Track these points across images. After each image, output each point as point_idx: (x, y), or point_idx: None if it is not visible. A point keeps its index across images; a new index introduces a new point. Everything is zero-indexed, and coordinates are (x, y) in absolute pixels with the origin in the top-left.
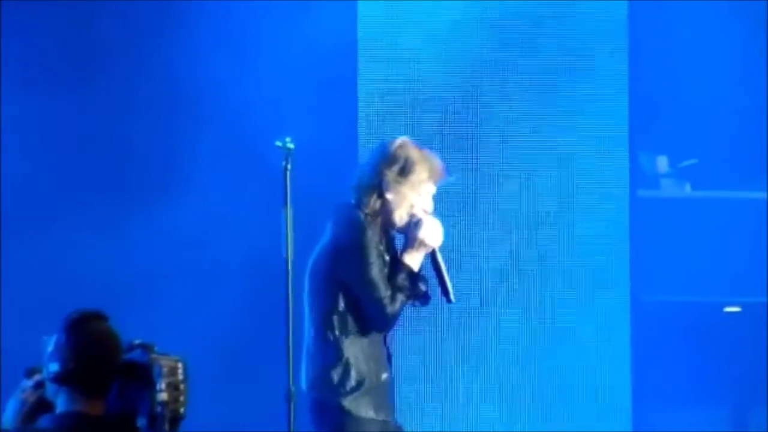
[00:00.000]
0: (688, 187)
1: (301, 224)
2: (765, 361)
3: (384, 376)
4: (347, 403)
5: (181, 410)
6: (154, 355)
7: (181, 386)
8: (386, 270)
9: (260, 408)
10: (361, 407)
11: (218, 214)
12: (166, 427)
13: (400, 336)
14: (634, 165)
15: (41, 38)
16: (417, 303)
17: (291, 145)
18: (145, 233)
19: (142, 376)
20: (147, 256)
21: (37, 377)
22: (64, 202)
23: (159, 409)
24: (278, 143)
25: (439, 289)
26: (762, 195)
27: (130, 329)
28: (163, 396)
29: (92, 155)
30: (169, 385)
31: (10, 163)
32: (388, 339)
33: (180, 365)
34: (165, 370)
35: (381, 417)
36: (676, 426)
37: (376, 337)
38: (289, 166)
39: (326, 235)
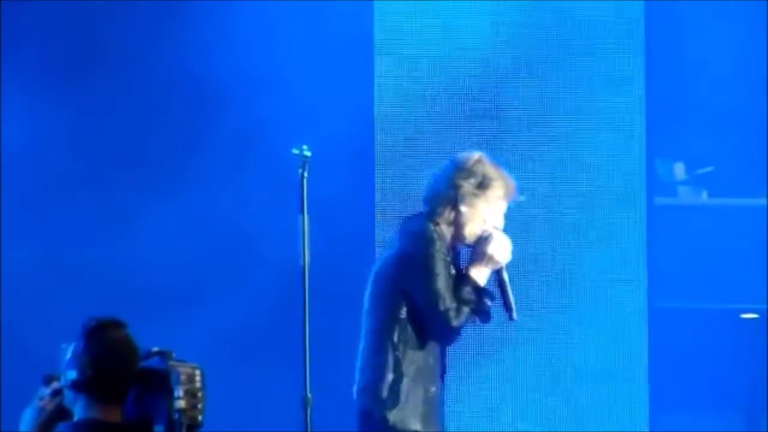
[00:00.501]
0: (705, 195)
1: (318, 231)
2: None
3: (432, 389)
4: (392, 416)
5: (199, 418)
6: (171, 363)
7: (199, 394)
8: (452, 282)
9: (277, 415)
10: (407, 420)
11: (234, 221)
12: None
13: None
14: (650, 172)
15: (54, 34)
16: (478, 320)
17: (308, 153)
18: (161, 239)
19: (159, 383)
20: (163, 263)
21: (55, 385)
22: (72, 209)
23: (177, 416)
24: (295, 151)
25: (502, 306)
26: None
27: (149, 337)
28: (181, 403)
29: (107, 157)
30: (186, 392)
31: (10, 165)
32: (445, 353)
33: (198, 372)
34: (183, 377)
35: (429, 428)
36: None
37: (433, 349)
38: (305, 174)
39: (393, 244)
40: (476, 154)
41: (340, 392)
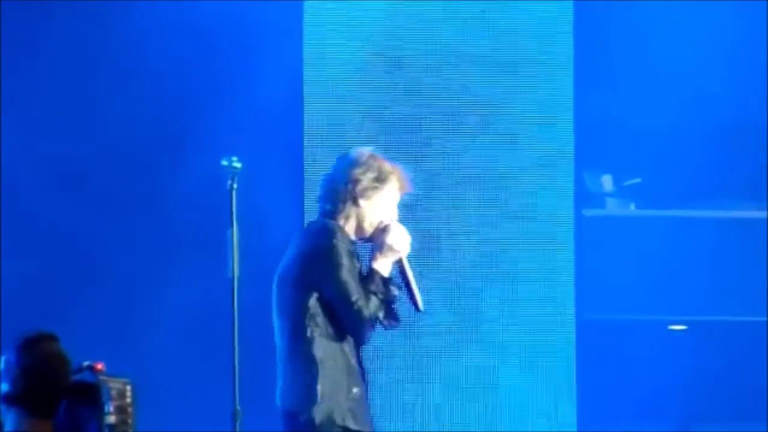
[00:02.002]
0: (632, 206)
1: (247, 244)
2: (709, 379)
3: (355, 390)
4: (318, 414)
5: None
6: (102, 377)
7: (129, 409)
8: (358, 274)
9: (207, 428)
10: (334, 416)
11: (165, 231)
12: None
13: None
14: (578, 184)
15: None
16: (389, 324)
17: (238, 165)
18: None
19: (90, 397)
20: (93, 271)
21: None
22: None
23: (107, 431)
24: (224, 162)
25: (407, 298)
26: (705, 213)
27: (80, 349)
28: (111, 419)
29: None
30: (117, 408)
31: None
32: (361, 355)
33: (128, 388)
34: (113, 392)
35: (362, 428)
36: None
37: (350, 348)
38: (235, 186)
39: (293, 246)
40: (368, 150)
41: (271, 404)
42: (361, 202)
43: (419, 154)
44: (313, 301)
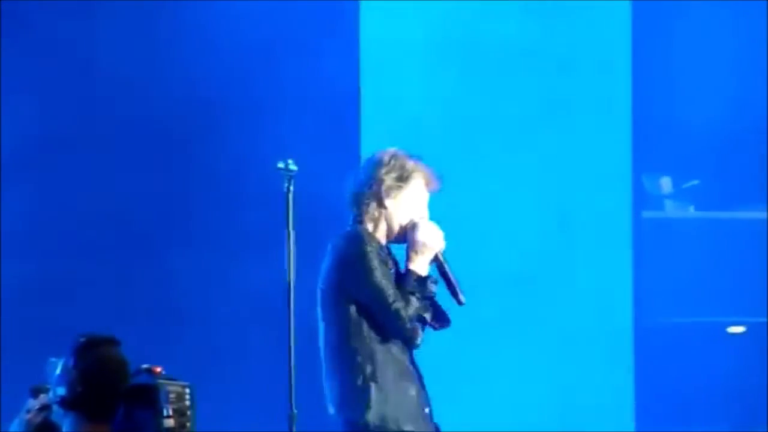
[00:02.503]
0: (691, 208)
1: (305, 248)
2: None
3: (412, 392)
4: (371, 418)
5: None
6: (161, 380)
7: (188, 412)
8: (393, 278)
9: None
10: (389, 420)
11: (220, 235)
12: None
13: None
14: (637, 186)
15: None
16: (439, 326)
17: (293, 167)
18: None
19: (148, 400)
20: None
21: (42, 398)
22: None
23: None
24: (280, 165)
25: (449, 293)
26: (763, 215)
27: (138, 353)
28: (170, 422)
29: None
30: (176, 411)
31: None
32: (414, 358)
33: (187, 391)
34: (172, 396)
35: (415, 428)
36: None
37: (399, 350)
38: (291, 188)
39: (327, 256)
40: (391, 150)
41: (325, 408)
42: (387, 202)
43: (475, 155)
44: (353, 309)
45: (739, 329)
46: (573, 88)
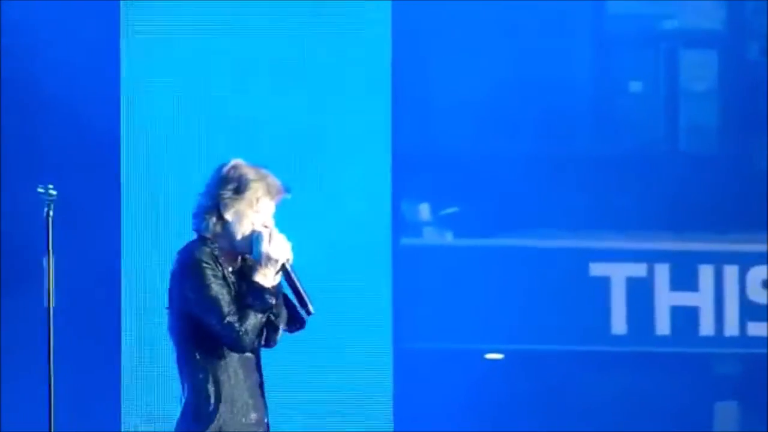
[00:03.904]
0: (450, 235)
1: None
2: (528, 408)
3: (253, 415)
4: None
5: None
6: None
7: None
8: (233, 291)
9: None
10: None
11: None
12: None
13: None
14: (396, 213)
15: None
16: (294, 328)
17: (53, 192)
18: None
19: None
20: None
21: None
22: None
23: None
24: (40, 189)
25: (297, 304)
26: (525, 242)
27: None
28: None
29: None
30: None
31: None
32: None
33: None
34: None
35: None
36: None
37: (239, 363)
38: (51, 213)
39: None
40: (232, 161)
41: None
42: (226, 215)
43: None
44: (189, 322)
45: (497, 356)
46: (333, 113)
